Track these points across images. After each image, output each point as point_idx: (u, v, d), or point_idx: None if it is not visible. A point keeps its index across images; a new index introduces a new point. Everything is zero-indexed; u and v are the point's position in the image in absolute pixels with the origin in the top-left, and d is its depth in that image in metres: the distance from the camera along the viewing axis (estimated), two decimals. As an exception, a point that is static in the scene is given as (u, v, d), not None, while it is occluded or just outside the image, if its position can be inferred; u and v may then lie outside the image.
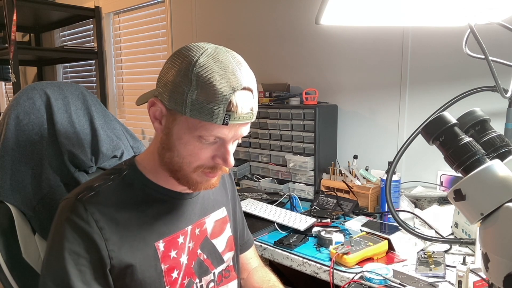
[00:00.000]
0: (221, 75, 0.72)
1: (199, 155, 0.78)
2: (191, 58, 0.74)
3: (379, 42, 1.76)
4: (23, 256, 0.92)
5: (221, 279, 0.97)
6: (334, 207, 1.60)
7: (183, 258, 0.87)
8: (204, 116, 0.72)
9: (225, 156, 0.79)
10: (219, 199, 1.00)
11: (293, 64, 2.09)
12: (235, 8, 2.33)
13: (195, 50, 0.75)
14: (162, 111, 0.78)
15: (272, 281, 1.07)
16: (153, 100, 0.79)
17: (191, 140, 0.77)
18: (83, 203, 0.77)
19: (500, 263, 0.55)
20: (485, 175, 0.58)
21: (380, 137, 1.82)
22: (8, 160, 0.92)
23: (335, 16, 0.81)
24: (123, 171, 0.85)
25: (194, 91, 0.72)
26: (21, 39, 3.95)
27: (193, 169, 0.80)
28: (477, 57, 0.93)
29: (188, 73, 0.73)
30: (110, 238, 0.77)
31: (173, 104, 0.75)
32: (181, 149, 0.78)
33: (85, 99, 1.05)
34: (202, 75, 0.72)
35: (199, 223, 0.92)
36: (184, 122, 0.76)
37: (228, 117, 0.73)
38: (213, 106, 0.72)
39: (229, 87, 0.72)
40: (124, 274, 0.79)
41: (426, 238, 1.22)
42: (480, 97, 1.25)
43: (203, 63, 0.73)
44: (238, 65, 0.76)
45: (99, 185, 0.81)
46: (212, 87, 0.71)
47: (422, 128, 0.68)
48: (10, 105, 0.95)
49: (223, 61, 0.74)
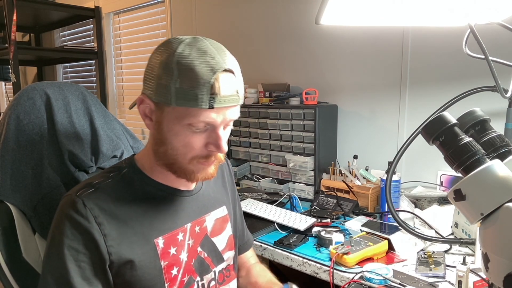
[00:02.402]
0: (200, 60, 0.73)
1: (192, 144, 0.79)
2: (170, 49, 0.76)
3: (379, 42, 1.76)
4: (23, 255, 0.92)
5: (223, 279, 0.97)
6: (334, 207, 1.60)
7: (183, 255, 0.87)
8: (190, 102, 0.73)
9: (217, 141, 0.79)
10: (219, 197, 1.01)
11: (293, 64, 2.09)
12: (235, 8, 2.33)
13: (173, 42, 0.77)
14: (151, 106, 0.79)
15: (267, 276, 1.08)
16: (140, 98, 0.80)
17: (181, 129, 0.77)
18: (82, 199, 0.78)
19: (500, 263, 0.55)
20: (485, 175, 0.58)
21: (380, 137, 1.82)
22: (9, 159, 0.92)
23: (335, 16, 0.81)
24: (122, 169, 0.86)
25: (177, 80, 0.73)
26: (21, 39, 3.95)
27: (188, 160, 0.81)
28: (477, 57, 0.93)
29: (169, 64, 0.74)
30: (109, 233, 0.78)
31: (159, 97, 0.76)
32: (174, 140, 0.79)
33: (85, 99, 1.05)
34: (182, 62, 0.73)
35: (199, 220, 0.92)
36: (172, 113, 0.76)
37: (213, 99, 0.74)
38: (197, 91, 0.73)
39: (209, 70, 0.73)
40: (124, 271, 0.79)
41: (426, 238, 1.22)
42: (480, 97, 1.25)
43: (182, 51, 0.74)
44: (218, 49, 0.77)
45: (98, 182, 0.82)
46: (193, 72, 0.73)
47: (422, 128, 0.68)
48: (11, 105, 0.95)
49: (201, 47, 0.75)
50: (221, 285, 0.96)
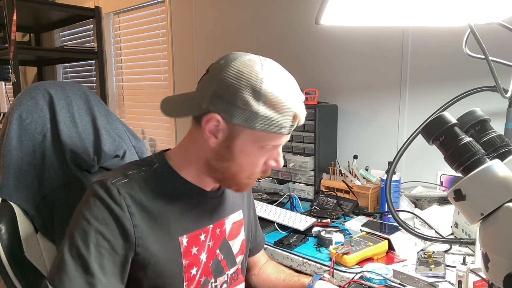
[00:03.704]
0: (285, 90, 0.78)
1: (257, 162, 0.84)
2: (255, 75, 0.77)
3: (379, 42, 1.76)
4: (26, 254, 0.92)
5: (231, 281, 0.98)
6: (334, 207, 1.60)
7: (203, 256, 0.88)
8: (273, 128, 0.78)
9: (277, 158, 0.86)
10: (237, 202, 1.02)
11: (293, 64, 2.09)
12: (235, 8, 2.33)
13: (253, 66, 0.78)
14: (220, 126, 0.79)
15: (286, 271, 1.11)
16: (210, 116, 0.79)
17: (254, 150, 0.81)
18: (117, 187, 0.79)
19: (500, 263, 0.55)
20: (485, 175, 0.58)
21: (380, 137, 1.82)
22: (11, 159, 0.92)
23: (335, 16, 0.81)
24: (153, 163, 0.87)
25: (263, 107, 0.76)
26: (21, 39, 3.95)
27: (247, 176, 0.85)
28: (477, 57, 0.93)
29: (255, 91, 0.76)
30: (139, 225, 0.78)
31: (238, 120, 0.77)
32: (243, 160, 0.82)
33: (87, 99, 1.05)
34: (269, 91, 0.76)
35: (220, 223, 0.93)
36: (250, 135, 0.79)
37: (292, 127, 0.81)
38: (282, 119, 0.78)
39: (293, 101, 0.79)
40: (147, 265, 0.80)
41: (426, 238, 1.22)
42: (480, 97, 1.25)
43: (267, 79, 0.77)
44: (289, 77, 0.82)
45: (132, 173, 0.83)
46: (280, 102, 0.77)
47: (422, 128, 0.68)
48: (13, 104, 0.96)
49: (280, 75, 0.80)
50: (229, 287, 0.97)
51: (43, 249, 0.95)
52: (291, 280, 1.06)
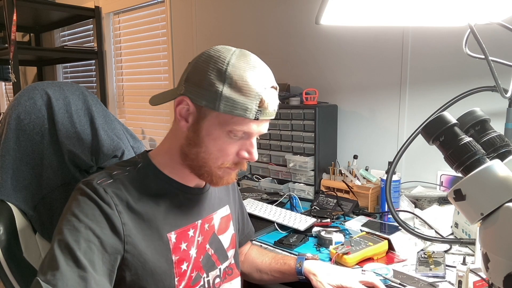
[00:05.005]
0: (252, 74, 0.79)
1: (226, 150, 0.83)
2: (222, 57, 0.79)
3: (379, 42, 1.76)
4: (24, 255, 0.92)
5: (225, 276, 0.99)
6: (334, 207, 1.60)
7: (192, 251, 0.89)
8: (237, 111, 0.78)
9: (250, 149, 0.85)
10: (223, 197, 1.03)
11: (293, 64, 2.09)
12: (235, 8, 2.33)
13: (223, 51, 0.81)
14: (190, 108, 0.81)
15: (270, 254, 1.15)
16: (181, 98, 0.82)
17: (221, 135, 0.81)
18: (103, 187, 0.79)
19: (500, 263, 0.55)
20: (485, 175, 0.58)
21: (380, 137, 1.82)
22: (9, 159, 0.92)
23: (335, 16, 0.81)
24: (137, 163, 0.88)
25: (228, 88, 0.77)
26: (21, 39, 3.95)
27: (218, 165, 0.84)
28: (477, 57, 0.93)
29: (221, 72, 0.78)
30: (127, 223, 0.79)
31: (204, 101, 0.79)
32: (210, 144, 0.82)
33: (85, 99, 1.05)
34: (236, 72, 0.78)
35: (208, 218, 0.95)
36: (215, 118, 0.80)
37: (259, 112, 0.79)
38: (247, 102, 0.78)
39: (261, 84, 0.79)
40: (136, 263, 0.80)
41: (426, 238, 1.22)
42: (480, 97, 1.25)
43: (234, 62, 0.79)
44: (263, 66, 0.83)
45: (117, 173, 0.84)
46: (246, 84, 0.77)
47: (422, 128, 0.68)
48: (11, 105, 0.96)
49: (251, 61, 0.81)
50: (223, 282, 0.98)
51: (42, 250, 0.95)
52: (277, 263, 1.10)
